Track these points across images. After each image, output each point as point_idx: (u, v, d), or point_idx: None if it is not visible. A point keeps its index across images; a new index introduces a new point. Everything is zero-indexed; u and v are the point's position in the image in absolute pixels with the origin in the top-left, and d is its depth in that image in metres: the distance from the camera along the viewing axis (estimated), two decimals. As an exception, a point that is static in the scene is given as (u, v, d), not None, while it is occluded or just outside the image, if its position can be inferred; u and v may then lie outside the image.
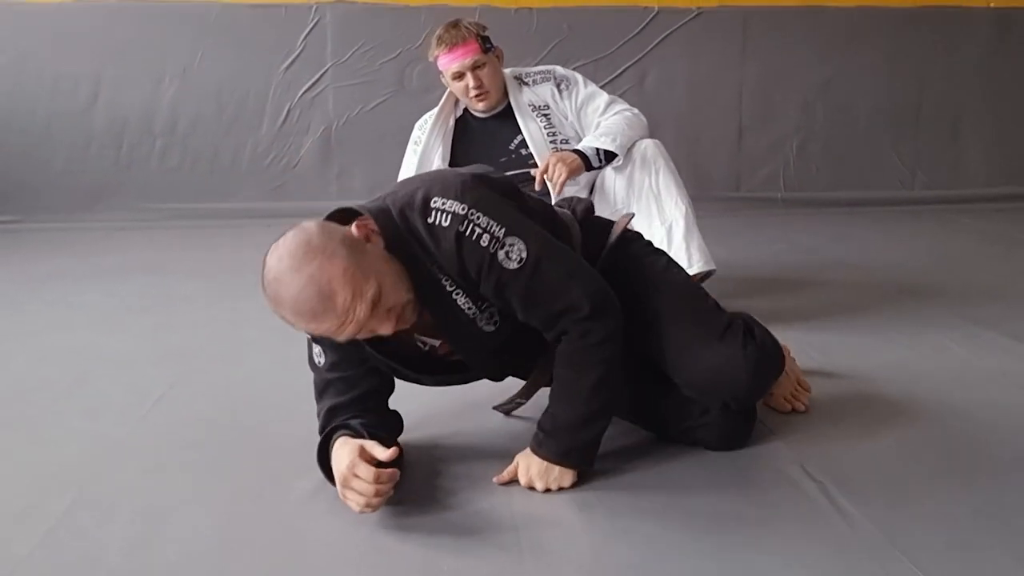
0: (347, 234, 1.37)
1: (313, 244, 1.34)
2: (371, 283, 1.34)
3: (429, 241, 1.41)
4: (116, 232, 3.95)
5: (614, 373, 1.53)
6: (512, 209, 1.48)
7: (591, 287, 1.49)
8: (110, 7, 4.13)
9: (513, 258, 1.42)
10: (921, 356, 2.21)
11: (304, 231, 1.36)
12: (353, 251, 1.35)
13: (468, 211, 1.40)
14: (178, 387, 2.06)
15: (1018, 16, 4.56)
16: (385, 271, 1.38)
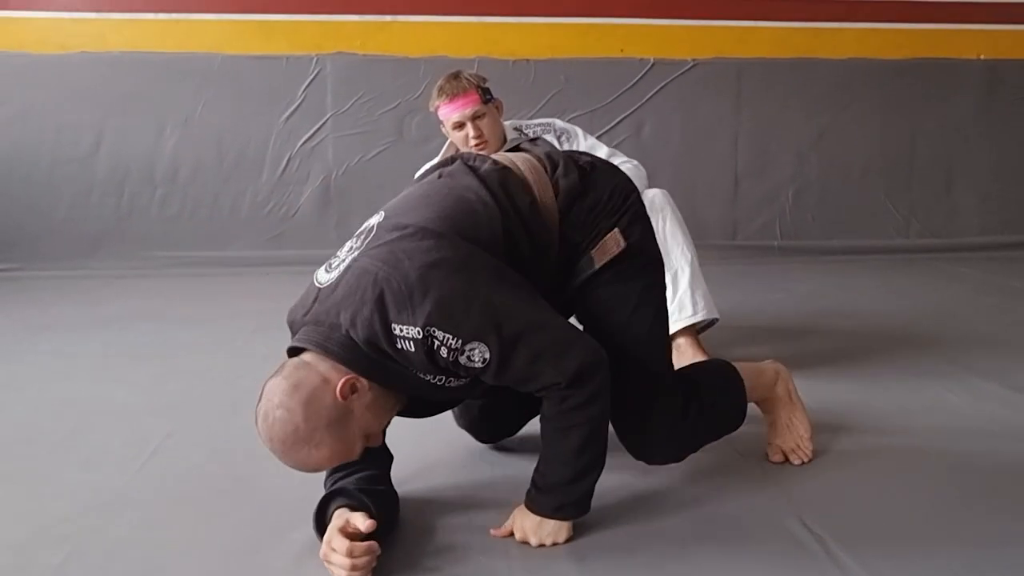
0: (332, 407, 1.40)
1: (300, 434, 1.39)
2: (357, 447, 1.45)
3: (405, 362, 1.43)
4: (116, 280, 3.95)
5: (599, 430, 1.53)
6: (464, 299, 1.41)
7: (564, 362, 1.45)
8: (114, 58, 4.19)
9: (476, 359, 1.42)
10: (920, 407, 2.21)
11: (291, 416, 1.38)
12: (338, 429, 1.41)
13: (426, 330, 1.38)
14: (175, 437, 2.05)
15: (1008, 68, 4.64)
16: (371, 418, 1.45)
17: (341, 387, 1.40)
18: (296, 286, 3.67)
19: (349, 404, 1.42)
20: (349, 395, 1.41)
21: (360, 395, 1.43)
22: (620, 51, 4.39)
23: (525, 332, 1.44)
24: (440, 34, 4.31)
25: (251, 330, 3.06)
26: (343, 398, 1.41)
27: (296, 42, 4.27)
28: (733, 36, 4.43)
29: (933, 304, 3.50)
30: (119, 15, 4.19)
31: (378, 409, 1.47)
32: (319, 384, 1.41)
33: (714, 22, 4.43)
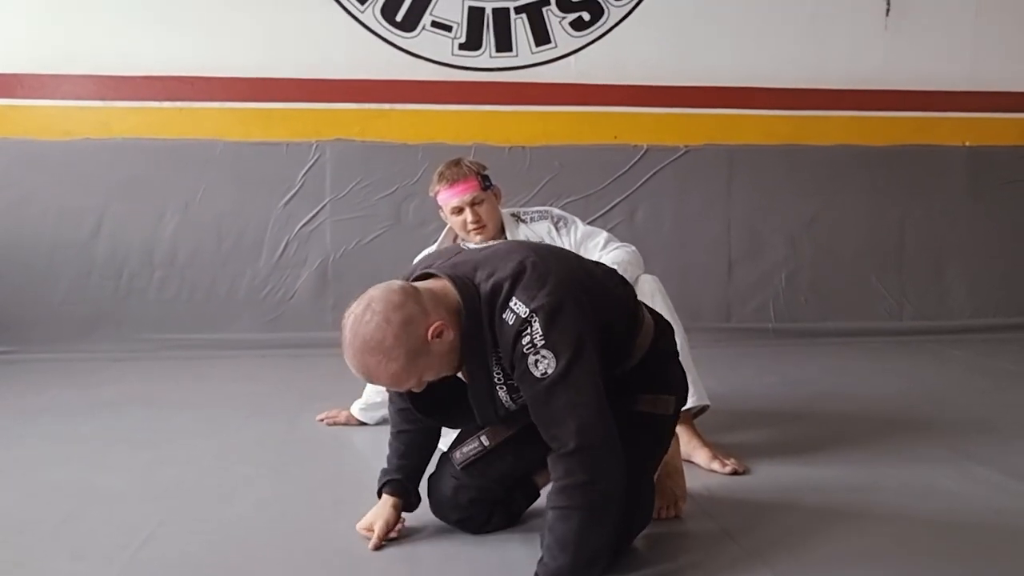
0: (419, 339, 1.56)
1: (385, 343, 1.55)
2: (412, 380, 1.60)
3: (498, 332, 1.59)
4: (112, 363, 3.95)
5: (599, 521, 1.57)
6: (572, 321, 1.57)
7: (589, 430, 1.55)
8: (117, 144, 4.27)
9: (539, 368, 1.55)
10: (914, 493, 2.20)
11: (387, 324, 1.55)
12: (412, 358, 1.56)
13: (529, 316, 1.55)
14: (167, 525, 2.03)
15: (992, 154, 4.74)
16: (436, 364, 1.60)
17: (435, 327, 1.56)
18: (293, 369, 3.71)
19: (431, 344, 1.56)
20: (435, 337, 1.56)
21: (442, 342, 1.57)
22: (614, 138, 4.50)
23: (586, 384, 1.57)
24: (438, 122, 4.41)
25: (246, 415, 3.06)
26: (430, 337, 1.56)
27: (296, 129, 4.37)
28: (723, 124, 4.54)
29: (927, 387, 3.51)
30: (124, 103, 4.28)
31: (445, 362, 1.61)
32: (420, 314, 1.56)
33: (705, 110, 4.54)
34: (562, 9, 4.42)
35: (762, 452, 2.54)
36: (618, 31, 4.48)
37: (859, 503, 2.12)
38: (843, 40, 4.60)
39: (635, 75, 4.48)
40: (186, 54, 4.27)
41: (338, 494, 2.23)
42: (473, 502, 1.94)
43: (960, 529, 1.96)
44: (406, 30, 4.36)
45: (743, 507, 2.10)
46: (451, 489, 1.95)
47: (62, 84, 4.23)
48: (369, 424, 2.87)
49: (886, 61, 4.63)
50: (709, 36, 4.53)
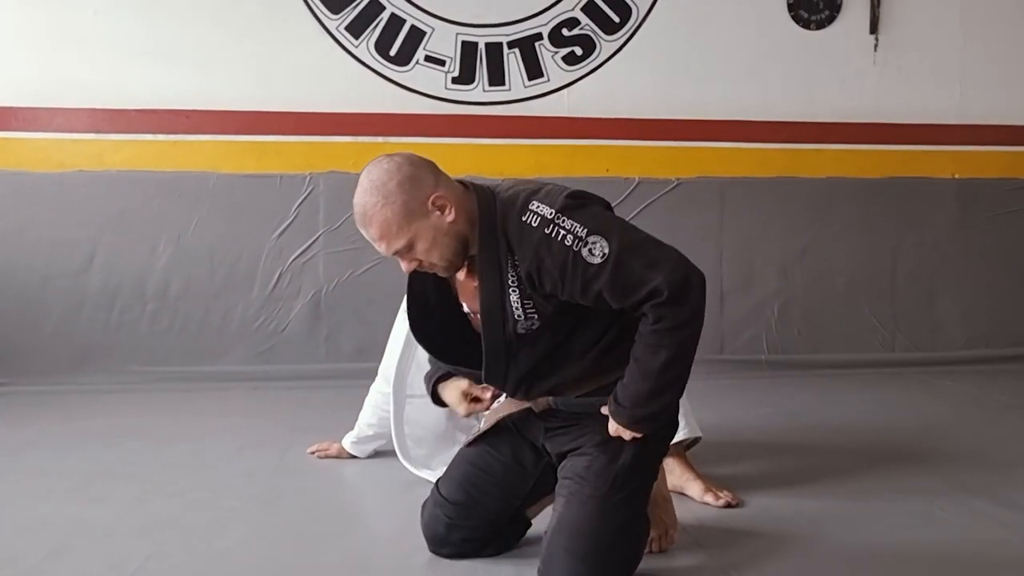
0: (418, 199, 1.67)
1: (388, 186, 1.67)
2: (401, 238, 1.68)
3: (515, 236, 1.67)
4: (103, 395, 3.93)
5: (684, 355, 1.69)
6: (601, 212, 1.70)
7: (672, 275, 1.64)
8: (110, 176, 4.28)
9: (596, 254, 1.62)
10: (911, 525, 2.19)
11: (398, 171, 1.68)
12: (407, 211, 1.66)
13: (555, 215, 1.64)
14: (155, 560, 2.01)
15: (981, 186, 4.77)
16: (430, 237, 1.68)
17: (438, 196, 1.68)
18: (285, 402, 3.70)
19: (430, 212, 1.67)
20: (433, 206, 1.68)
21: (442, 217, 1.68)
22: (606, 171, 4.52)
23: (641, 244, 1.66)
24: (431, 154, 4.29)
25: (237, 447, 3.03)
26: (430, 204, 1.67)
27: (290, 162, 4.38)
28: (715, 157, 4.57)
29: (920, 418, 3.50)
30: (117, 136, 4.29)
31: (440, 243, 1.70)
32: (430, 181, 1.70)
33: (696, 143, 4.57)
34: (554, 44, 4.47)
35: (755, 484, 2.53)
36: (610, 65, 4.52)
37: (854, 535, 2.11)
38: (833, 74, 4.65)
39: (627, 109, 4.52)
40: (180, 87, 4.29)
41: (328, 528, 2.21)
42: (464, 540, 1.94)
43: (959, 561, 1.95)
44: (400, 64, 4.40)
45: (737, 539, 2.08)
46: (444, 528, 1.94)
47: (56, 117, 4.25)
48: (360, 457, 2.85)
49: (876, 95, 4.68)
50: (700, 70, 4.57)
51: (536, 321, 1.74)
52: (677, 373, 1.71)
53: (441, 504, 1.95)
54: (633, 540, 1.79)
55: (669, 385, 1.71)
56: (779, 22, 4.61)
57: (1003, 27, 4.75)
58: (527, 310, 1.72)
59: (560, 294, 1.68)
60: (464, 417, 1.96)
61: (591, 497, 1.75)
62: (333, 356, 4.30)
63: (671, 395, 1.74)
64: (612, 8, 4.48)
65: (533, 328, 1.74)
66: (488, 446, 1.98)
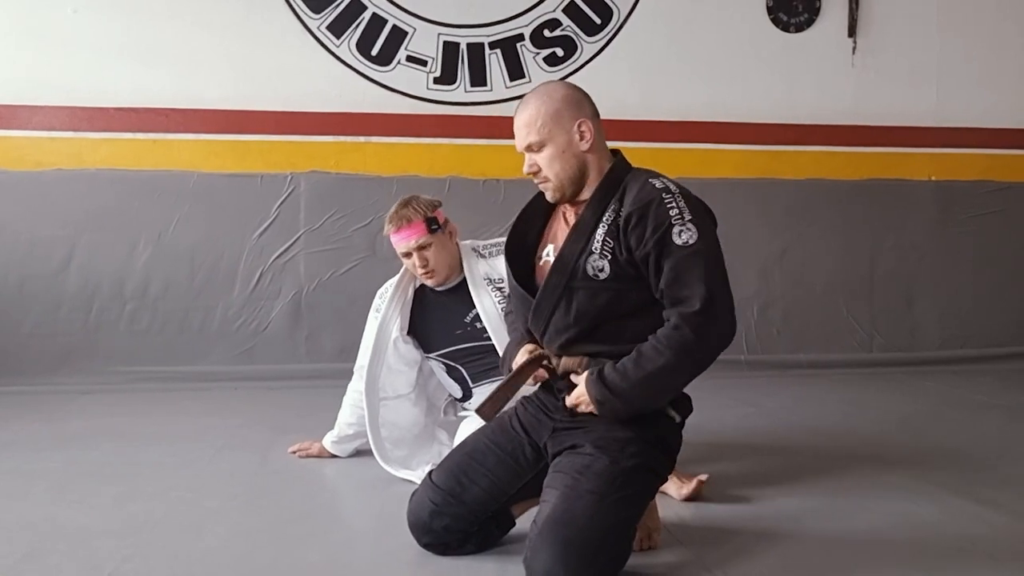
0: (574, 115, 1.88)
1: (555, 94, 1.90)
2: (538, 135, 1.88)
3: (633, 188, 1.83)
4: (82, 396, 3.90)
5: (679, 371, 1.75)
6: (710, 221, 1.83)
7: (715, 299, 1.74)
8: (90, 175, 4.25)
9: (683, 238, 1.76)
10: (889, 524, 2.21)
11: (569, 89, 1.93)
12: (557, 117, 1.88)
13: (676, 193, 1.81)
14: (133, 561, 1.99)
15: (958, 188, 4.83)
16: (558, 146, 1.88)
17: (584, 122, 1.88)
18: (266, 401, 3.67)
19: (572, 129, 1.87)
20: (578, 129, 1.87)
21: (579, 141, 1.88)
22: (588, 171, 4.53)
23: (716, 260, 1.79)
24: (412, 154, 4.43)
25: (217, 447, 3.02)
26: (576, 125, 1.87)
27: (271, 161, 4.37)
28: (695, 158, 4.60)
29: (898, 418, 3.54)
30: (97, 134, 4.27)
31: (564, 156, 1.88)
32: (588, 113, 1.91)
33: (677, 145, 4.60)
34: (536, 45, 4.48)
35: (736, 482, 2.55)
36: (591, 67, 4.54)
37: (834, 533, 2.13)
38: (812, 77, 4.69)
39: (608, 110, 4.41)
40: (160, 86, 4.27)
41: (309, 527, 2.20)
42: (447, 529, 1.94)
43: (936, 558, 1.97)
44: (382, 64, 4.40)
45: (718, 538, 2.09)
46: (427, 513, 1.95)
47: (35, 115, 4.21)
48: (341, 457, 2.84)
49: (854, 98, 4.73)
50: (681, 72, 4.60)
51: (608, 268, 1.82)
52: (664, 384, 1.78)
53: (430, 489, 1.97)
54: (624, 542, 1.79)
55: (652, 391, 1.77)
56: (759, 25, 4.64)
57: (980, 31, 4.81)
58: (606, 247, 1.82)
59: (636, 250, 1.79)
60: (532, 384, 1.99)
61: (590, 492, 1.75)
62: (314, 356, 4.30)
63: (647, 400, 1.79)
64: (593, 10, 4.50)
65: (600, 276, 1.82)
66: (490, 439, 1.99)
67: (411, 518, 1.99)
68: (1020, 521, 2.22)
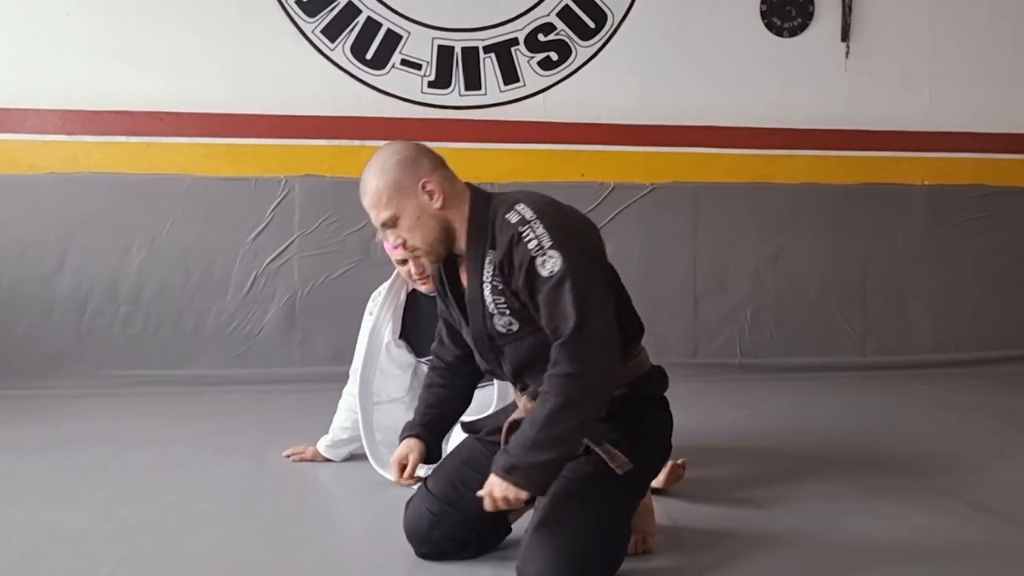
0: (413, 178, 1.80)
1: (387, 163, 1.82)
2: (387, 210, 1.80)
3: (498, 229, 1.75)
4: (75, 399, 3.88)
5: (573, 410, 1.65)
6: (577, 226, 1.78)
7: (585, 322, 1.66)
8: (83, 178, 4.24)
9: (547, 268, 1.69)
10: (882, 526, 2.22)
11: (399, 152, 1.83)
12: (397, 188, 1.80)
13: (533, 218, 1.72)
14: (127, 564, 1.99)
15: (950, 192, 4.84)
16: (415, 215, 1.80)
17: (427, 181, 1.80)
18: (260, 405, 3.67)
19: (419, 193, 1.79)
20: (423, 189, 1.80)
21: (430, 201, 1.80)
22: (581, 175, 4.54)
23: (587, 279, 1.69)
24: (407, 158, 4.42)
25: (210, 451, 3.01)
26: (420, 186, 1.79)
27: (265, 165, 4.36)
28: (689, 162, 4.61)
29: (891, 421, 3.55)
30: (90, 138, 4.25)
31: (426, 224, 1.81)
32: (427, 167, 1.82)
33: (671, 149, 4.61)
34: (530, 49, 4.48)
35: (729, 486, 2.55)
36: (586, 71, 4.55)
37: (827, 536, 2.13)
38: (805, 81, 4.70)
39: (602, 114, 4.54)
40: (154, 89, 4.26)
41: (304, 531, 2.20)
42: (445, 538, 1.93)
43: (929, 560, 1.97)
44: (376, 68, 4.40)
45: (712, 541, 2.10)
46: (426, 523, 1.94)
47: (28, 118, 4.20)
48: (335, 461, 2.84)
49: (847, 102, 4.74)
50: (675, 76, 4.61)
51: (514, 321, 1.77)
52: (564, 429, 1.66)
53: (427, 498, 1.96)
54: (616, 544, 1.79)
55: (552, 440, 1.66)
56: (752, 29, 4.66)
57: (972, 36, 4.83)
58: (499, 305, 1.76)
59: (520, 295, 1.74)
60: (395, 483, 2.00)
61: (578, 497, 1.75)
62: (308, 360, 4.29)
63: (552, 452, 1.66)
64: (587, 14, 4.51)
65: (513, 328, 1.78)
66: (482, 445, 1.99)
67: (408, 528, 1.98)
68: (1013, 524, 2.23)
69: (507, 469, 1.67)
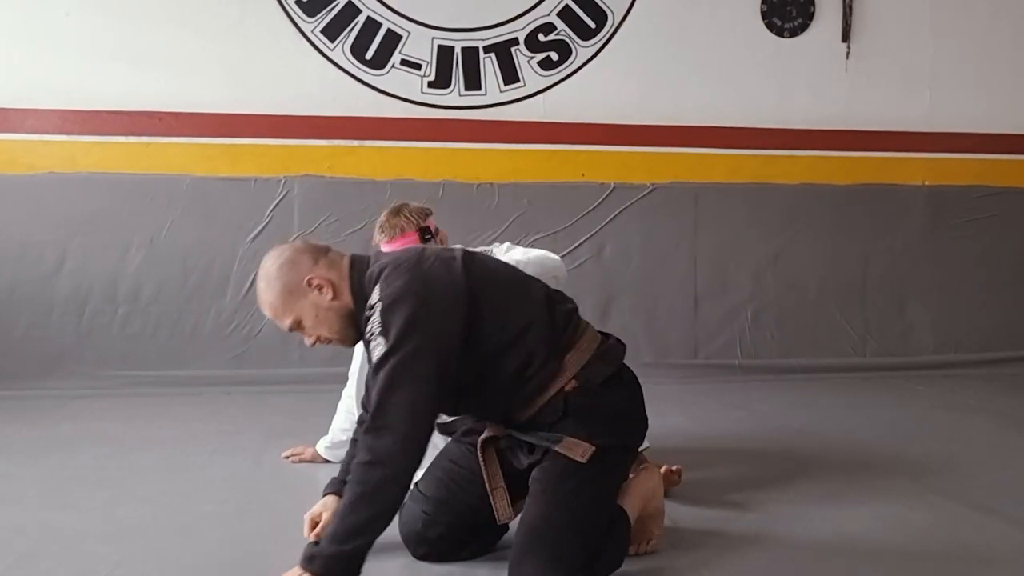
0: (298, 278, 1.80)
1: (271, 271, 1.83)
2: (287, 316, 1.83)
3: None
4: (73, 400, 3.88)
5: (369, 501, 1.66)
6: (408, 314, 1.71)
7: (389, 416, 1.68)
8: (82, 178, 4.23)
9: (376, 353, 1.73)
10: (883, 528, 2.21)
11: (279, 257, 1.84)
12: (288, 293, 1.81)
13: (376, 302, 1.74)
14: (125, 566, 1.98)
15: (950, 193, 4.84)
16: (312, 313, 1.82)
17: (314, 277, 1.81)
18: (259, 406, 3.66)
19: (309, 291, 1.81)
20: (310, 286, 1.80)
21: (321, 296, 1.81)
22: (581, 176, 4.54)
23: (407, 375, 1.69)
24: (406, 159, 4.43)
25: (209, 452, 3.00)
26: (306, 284, 1.80)
27: (264, 165, 4.35)
28: (690, 162, 4.61)
29: (891, 422, 3.54)
30: (89, 138, 4.25)
31: (324, 318, 1.82)
32: (308, 263, 1.82)
33: (671, 149, 4.61)
34: (531, 49, 4.48)
35: (730, 486, 2.55)
36: (586, 71, 4.54)
37: (827, 537, 2.13)
38: (806, 82, 4.70)
39: (602, 114, 4.54)
40: (153, 89, 4.25)
41: (302, 532, 2.19)
42: (442, 538, 1.93)
43: (929, 562, 1.97)
44: (376, 68, 4.40)
45: (710, 541, 2.09)
46: (421, 524, 1.94)
47: (27, 118, 4.20)
48: (335, 462, 2.83)
49: (847, 103, 4.74)
50: (675, 76, 4.60)
51: None
52: (362, 519, 1.66)
53: (420, 500, 1.96)
54: (588, 530, 1.76)
55: (351, 532, 1.66)
56: (753, 30, 4.65)
57: (973, 36, 4.83)
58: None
59: None
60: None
61: (542, 492, 1.77)
62: (307, 360, 4.27)
63: (350, 544, 1.66)
64: (588, 14, 4.51)
65: None
66: (464, 445, 1.98)
67: (404, 531, 1.98)
68: (1013, 526, 2.22)
69: (308, 559, 1.67)
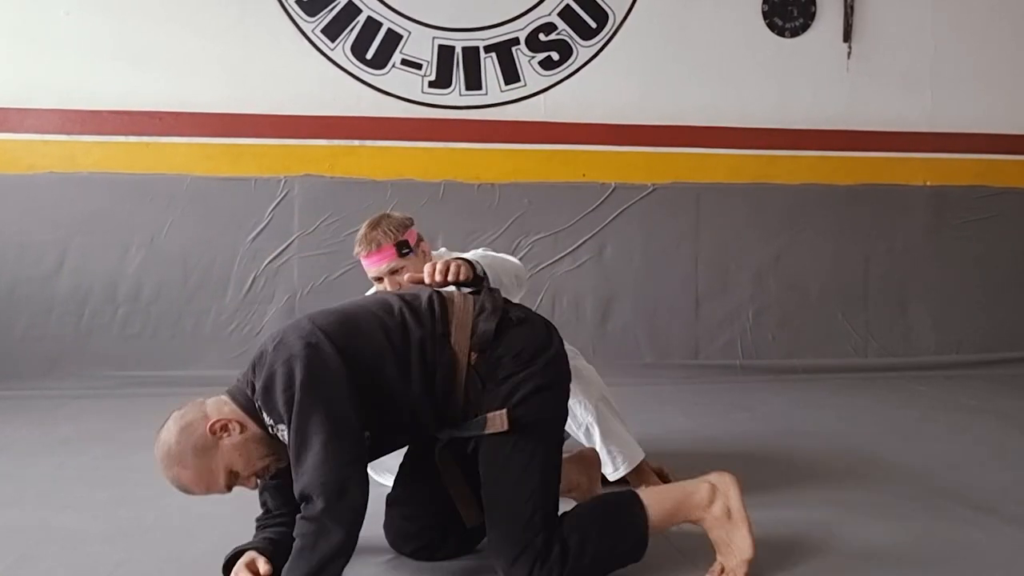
0: (201, 437, 1.70)
1: (171, 453, 1.71)
2: (219, 477, 1.72)
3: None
4: (73, 400, 3.87)
5: (303, 561, 1.64)
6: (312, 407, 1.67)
7: (312, 478, 1.64)
8: (82, 178, 4.23)
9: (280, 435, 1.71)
10: (884, 529, 2.21)
11: (167, 438, 1.71)
12: (203, 455, 1.71)
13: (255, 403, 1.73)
14: (125, 566, 1.98)
15: (952, 193, 4.84)
16: (236, 456, 1.72)
17: (212, 424, 1.70)
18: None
19: (218, 439, 1.70)
20: (219, 432, 1.71)
21: (230, 435, 1.71)
22: (582, 176, 4.53)
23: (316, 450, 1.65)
24: (407, 158, 4.42)
25: (209, 452, 2.99)
26: (212, 433, 1.70)
27: (265, 165, 4.35)
28: (691, 163, 4.60)
29: (893, 423, 3.54)
30: (89, 137, 4.25)
31: (246, 452, 1.73)
32: (199, 418, 1.72)
33: (672, 149, 4.60)
34: (531, 49, 4.48)
35: (731, 488, 2.53)
36: (587, 71, 4.54)
37: (828, 539, 2.12)
38: (807, 82, 4.70)
39: (603, 114, 4.54)
40: (153, 89, 4.25)
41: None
42: (424, 529, 1.96)
43: (933, 563, 1.96)
44: (376, 68, 4.39)
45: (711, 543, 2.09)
46: (399, 518, 1.99)
47: (27, 118, 4.20)
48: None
49: (849, 103, 4.73)
50: (676, 76, 4.60)
51: None
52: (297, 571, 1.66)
53: (394, 502, 2.01)
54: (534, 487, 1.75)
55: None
56: (754, 30, 4.65)
57: (974, 37, 4.82)
58: None
59: None
60: None
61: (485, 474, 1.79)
62: (308, 360, 4.27)
63: None
64: (589, 14, 4.50)
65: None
66: None
67: (390, 537, 2.02)
68: (1014, 526, 2.22)
69: None
